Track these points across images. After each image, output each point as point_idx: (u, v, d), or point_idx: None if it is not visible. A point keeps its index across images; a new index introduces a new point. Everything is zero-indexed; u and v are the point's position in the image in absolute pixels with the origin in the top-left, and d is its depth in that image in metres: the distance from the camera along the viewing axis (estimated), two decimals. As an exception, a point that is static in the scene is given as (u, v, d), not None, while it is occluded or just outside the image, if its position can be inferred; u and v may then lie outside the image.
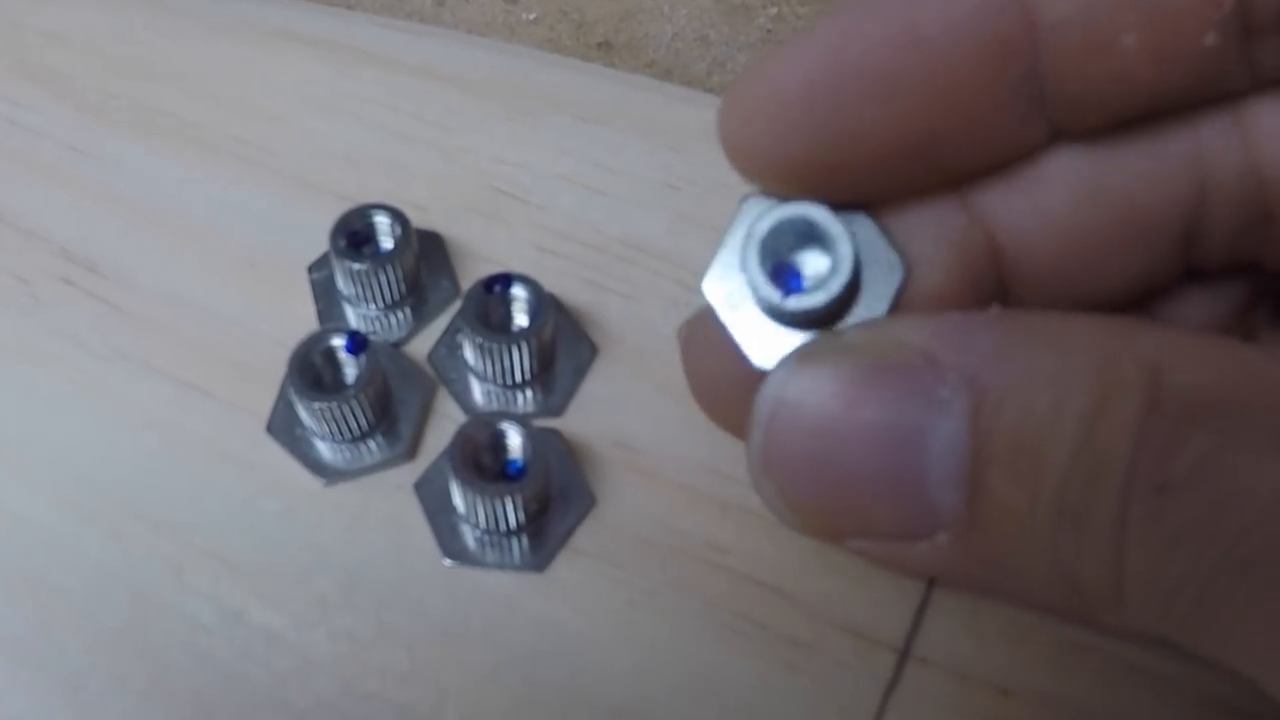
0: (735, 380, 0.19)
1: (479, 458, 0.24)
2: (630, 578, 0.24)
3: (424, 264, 0.28)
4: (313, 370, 0.25)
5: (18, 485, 0.25)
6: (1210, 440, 0.14)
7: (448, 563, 0.24)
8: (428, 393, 0.26)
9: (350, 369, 0.26)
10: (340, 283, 0.27)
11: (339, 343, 0.25)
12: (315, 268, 0.28)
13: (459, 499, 0.24)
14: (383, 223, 0.27)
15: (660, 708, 0.23)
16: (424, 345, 0.27)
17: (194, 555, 0.24)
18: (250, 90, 0.32)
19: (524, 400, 0.26)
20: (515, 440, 0.24)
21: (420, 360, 0.27)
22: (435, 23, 0.39)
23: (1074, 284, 0.19)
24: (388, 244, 0.27)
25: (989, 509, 0.16)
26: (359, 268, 0.26)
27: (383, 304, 0.27)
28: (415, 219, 0.27)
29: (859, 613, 0.23)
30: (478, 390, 0.27)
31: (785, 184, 0.18)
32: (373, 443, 0.26)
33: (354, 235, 0.27)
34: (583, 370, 0.27)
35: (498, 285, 0.26)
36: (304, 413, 0.25)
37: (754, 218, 0.18)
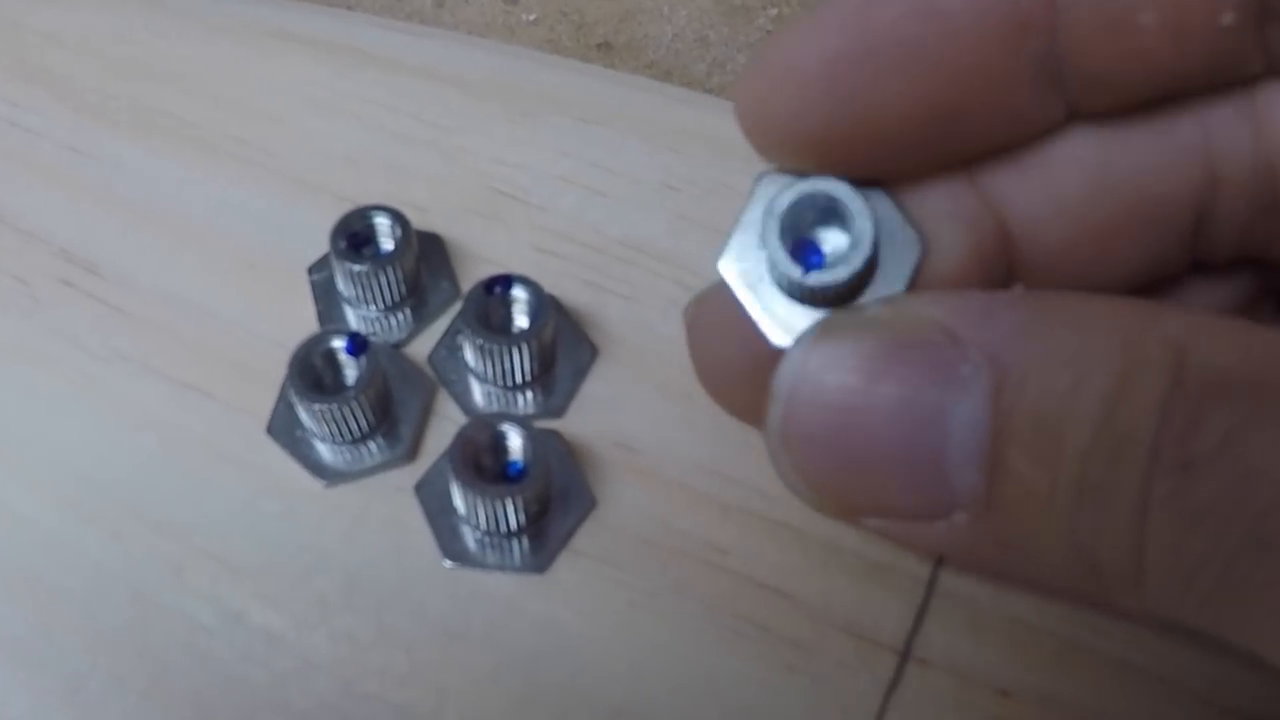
0: (743, 363, 0.19)
1: (479, 459, 0.24)
2: (631, 579, 0.24)
3: (424, 265, 0.28)
4: (313, 372, 0.25)
5: (18, 486, 0.25)
6: (1235, 417, 0.14)
7: (448, 564, 0.24)
8: (428, 394, 0.26)
9: (350, 370, 0.26)
10: (340, 284, 0.27)
11: (339, 344, 0.25)
12: (315, 269, 0.28)
13: (459, 500, 0.24)
14: (383, 224, 0.27)
15: (660, 709, 0.23)
16: (424, 347, 0.27)
17: (194, 556, 0.24)
18: (250, 91, 0.32)
19: (524, 402, 0.26)
20: (516, 441, 0.24)
21: (420, 362, 0.27)
22: (435, 23, 0.39)
23: (1082, 271, 0.19)
24: (388, 245, 0.27)
25: (1008, 489, 0.15)
26: (359, 269, 0.26)
27: (383, 305, 0.27)
28: (415, 220, 0.27)
29: (859, 614, 0.23)
30: (478, 391, 0.27)
31: (804, 159, 0.18)
32: (373, 444, 0.26)
33: (354, 237, 0.27)
34: (583, 371, 0.27)
35: (498, 286, 0.26)
36: (304, 414, 0.25)
37: (772, 195, 0.18)
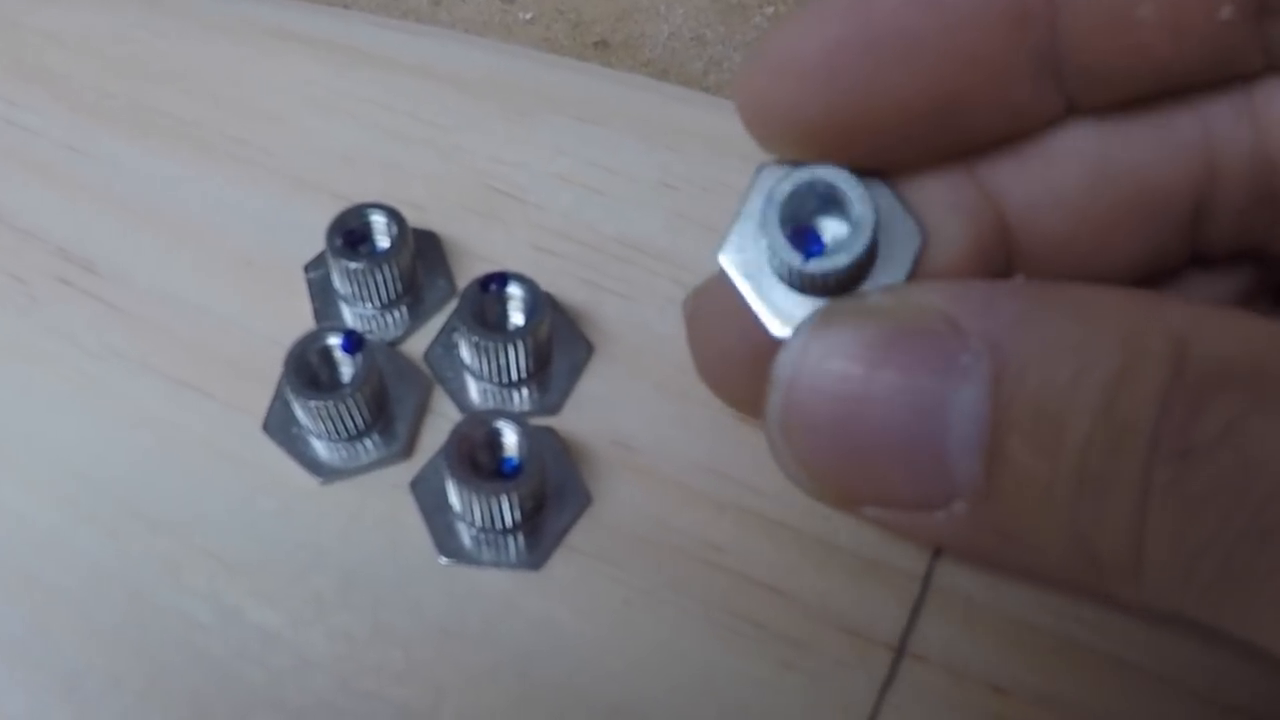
0: (743, 354, 0.19)
1: (475, 456, 0.24)
2: (627, 576, 0.24)
3: (420, 263, 0.28)
4: (309, 369, 0.25)
5: (14, 484, 0.25)
6: (1236, 406, 0.14)
7: (444, 561, 0.24)
8: (424, 391, 0.26)
9: (346, 368, 0.26)
10: (336, 282, 0.27)
11: (335, 341, 0.25)
12: (312, 267, 0.28)
13: (455, 497, 0.24)
14: (379, 222, 0.27)
15: (657, 706, 0.23)
16: (420, 344, 0.27)
17: (191, 554, 0.24)
18: (247, 90, 0.32)
19: (520, 399, 0.26)
20: (511, 438, 0.24)
21: (416, 359, 0.27)
22: (432, 22, 0.39)
23: (1081, 264, 0.19)
24: (384, 243, 0.27)
25: (1008, 478, 0.15)
26: (355, 267, 0.26)
27: (379, 303, 0.27)
28: (412, 218, 0.27)
29: (855, 611, 0.23)
30: (474, 389, 0.27)
31: (804, 150, 0.18)
32: (369, 441, 0.26)
33: (350, 234, 0.27)
34: (579, 369, 0.27)
35: (494, 284, 0.26)
36: (300, 411, 0.25)
37: (772, 184, 0.18)
